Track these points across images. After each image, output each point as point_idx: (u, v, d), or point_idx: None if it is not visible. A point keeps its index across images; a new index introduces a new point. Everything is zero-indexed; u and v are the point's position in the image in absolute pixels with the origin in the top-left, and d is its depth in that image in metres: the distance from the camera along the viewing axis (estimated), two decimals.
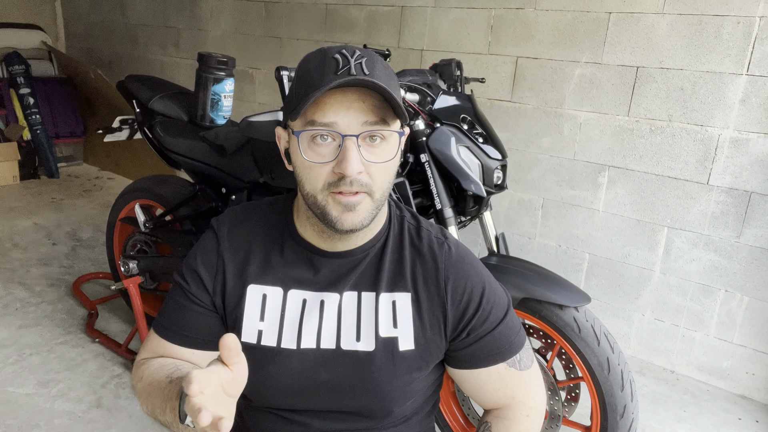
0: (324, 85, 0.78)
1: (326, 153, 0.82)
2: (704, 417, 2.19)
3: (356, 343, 0.91)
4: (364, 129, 0.81)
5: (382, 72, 0.82)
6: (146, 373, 0.90)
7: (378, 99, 0.81)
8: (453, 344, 0.94)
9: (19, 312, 2.56)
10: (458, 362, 0.96)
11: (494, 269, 1.61)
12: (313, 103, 0.80)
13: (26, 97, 4.36)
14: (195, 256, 0.97)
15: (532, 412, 0.98)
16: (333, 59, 0.80)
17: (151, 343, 0.97)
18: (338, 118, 0.80)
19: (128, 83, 2.30)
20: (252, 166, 1.91)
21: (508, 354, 0.95)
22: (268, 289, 0.93)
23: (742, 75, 2.13)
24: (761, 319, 2.25)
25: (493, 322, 0.93)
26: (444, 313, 0.92)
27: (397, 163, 0.87)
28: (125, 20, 4.63)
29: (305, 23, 3.46)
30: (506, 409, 0.98)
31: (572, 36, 2.47)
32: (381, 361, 0.90)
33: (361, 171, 0.81)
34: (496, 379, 0.95)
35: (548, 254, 2.73)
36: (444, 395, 1.83)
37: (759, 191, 2.18)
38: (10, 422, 1.89)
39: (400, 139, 0.85)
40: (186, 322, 0.95)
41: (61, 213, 3.83)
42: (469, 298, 0.92)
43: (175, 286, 0.97)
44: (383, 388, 0.90)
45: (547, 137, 2.63)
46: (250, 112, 3.70)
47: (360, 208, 0.83)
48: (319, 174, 0.83)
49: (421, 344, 0.92)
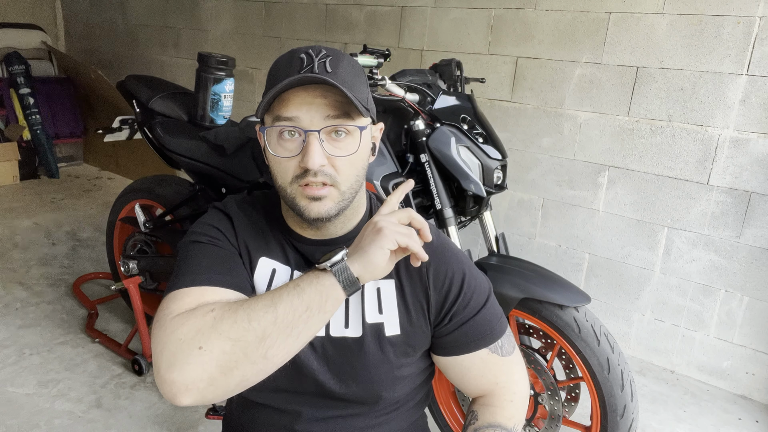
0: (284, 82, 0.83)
1: (292, 148, 0.86)
2: (704, 417, 2.19)
3: (345, 330, 0.93)
4: (327, 123, 0.85)
5: (346, 70, 0.86)
6: (218, 311, 0.77)
7: (341, 95, 0.84)
8: (437, 330, 0.97)
9: (19, 312, 2.56)
10: (442, 349, 0.98)
11: (494, 269, 1.61)
12: (279, 100, 0.85)
13: (26, 97, 4.36)
14: (206, 223, 0.95)
15: (515, 397, 1.01)
16: (299, 58, 0.86)
17: (178, 300, 0.82)
18: (300, 113, 0.84)
19: (128, 83, 2.30)
20: (252, 166, 1.91)
21: (490, 340, 0.97)
22: (277, 264, 0.95)
23: (742, 75, 2.13)
24: (761, 319, 2.25)
25: (475, 308, 0.96)
26: (427, 298, 0.95)
27: (364, 156, 0.91)
28: (125, 20, 4.63)
29: (305, 23, 3.46)
30: (491, 396, 1.01)
31: (572, 36, 2.47)
32: (369, 347, 0.93)
33: (323, 164, 0.85)
34: (479, 366, 0.98)
35: (548, 254, 2.73)
36: (444, 395, 1.83)
37: (759, 191, 2.18)
38: (10, 422, 1.89)
39: (362, 134, 0.88)
40: (223, 265, 0.89)
41: (61, 213, 3.83)
42: (450, 283, 0.95)
43: (189, 246, 0.91)
44: (371, 373, 0.93)
45: (547, 137, 2.63)
46: (250, 112, 3.71)
47: (326, 200, 0.87)
48: (287, 168, 0.87)
49: (407, 329, 0.95)
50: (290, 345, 0.78)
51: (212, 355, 0.74)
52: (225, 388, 0.75)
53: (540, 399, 1.64)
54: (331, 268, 0.80)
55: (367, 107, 0.88)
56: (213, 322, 0.76)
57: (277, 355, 0.77)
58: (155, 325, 0.80)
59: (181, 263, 0.90)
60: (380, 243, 0.81)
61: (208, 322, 0.76)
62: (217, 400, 0.76)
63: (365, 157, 0.92)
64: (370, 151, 0.94)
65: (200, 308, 0.79)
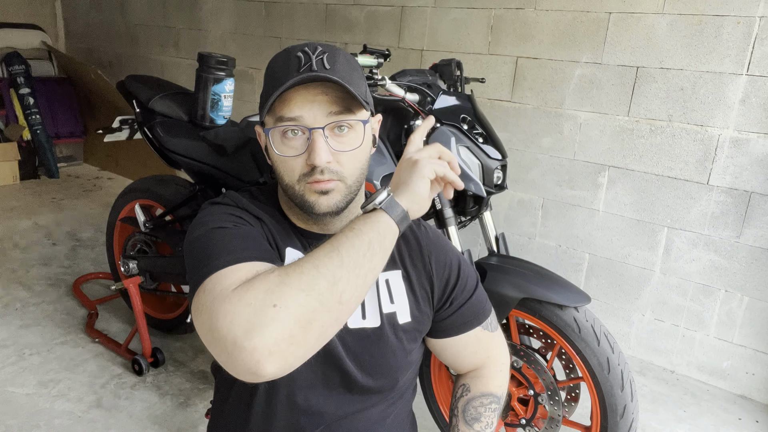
0: (285, 82, 0.83)
1: (297, 146, 0.87)
2: (704, 417, 2.19)
3: (362, 321, 0.96)
4: (330, 120, 0.86)
5: (343, 65, 0.87)
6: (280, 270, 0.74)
7: (341, 90, 0.86)
8: (437, 314, 1.03)
9: (19, 312, 2.56)
10: (443, 332, 1.05)
11: (494, 269, 1.61)
12: (280, 100, 0.86)
13: (26, 97, 4.37)
14: (223, 213, 0.90)
15: (504, 368, 1.12)
16: (296, 57, 0.86)
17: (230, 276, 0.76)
18: (303, 112, 0.85)
19: (128, 83, 2.29)
20: (252, 166, 1.91)
21: (482, 318, 1.06)
22: (301, 255, 0.91)
23: (742, 75, 2.13)
24: (761, 319, 2.25)
25: (470, 290, 1.05)
26: (431, 285, 1.02)
27: (367, 149, 0.92)
28: (125, 20, 4.63)
29: (305, 23, 3.46)
30: (482, 369, 1.10)
31: (572, 36, 2.47)
32: (387, 336, 0.97)
33: (330, 161, 0.86)
34: (474, 342, 1.07)
35: (548, 254, 2.73)
36: (444, 394, 1.83)
37: (759, 191, 2.18)
38: (10, 422, 1.89)
39: (365, 127, 0.90)
40: (260, 244, 0.85)
41: (61, 213, 3.83)
42: (450, 270, 1.03)
43: (215, 232, 0.85)
44: (390, 361, 0.98)
45: (547, 137, 2.63)
46: (250, 112, 3.71)
47: (334, 192, 0.89)
48: (293, 166, 0.88)
49: (416, 316, 1.01)
50: (360, 286, 0.75)
51: (289, 311, 0.69)
52: (306, 345, 0.71)
53: (540, 399, 1.64)
54: (380, 205, 0.80)
55: (367, 100, 0.89)
56: (280, 279, 0.72)
57: (351, 299, 0.74)
58: (213, 302, 0.72)
59: (208, 248, 0.82)
60: (421, 173, 0.82)
61: (274, 280, 0.71)
62: (299, 362, 0.71)
63: (368, 149, 0.93)
64: (371, 143, 0.95)
65: (260, 275, 0.74)
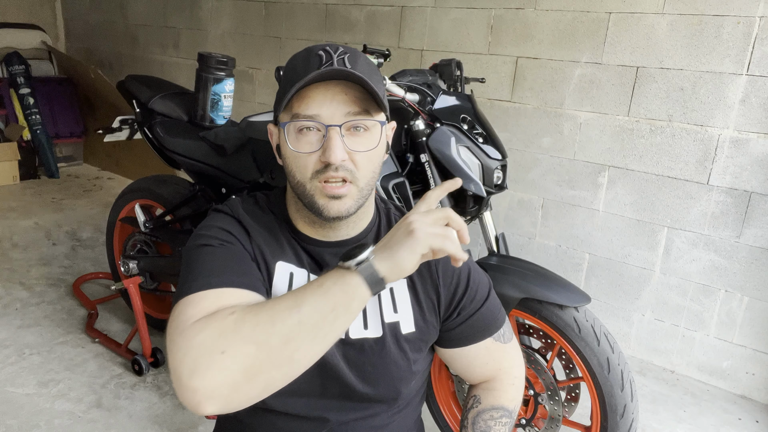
0: (305, 78, 0.83)
1: (312, 142, 0.86)
2: (704, 417, 2.19)
3: (364, 331, 0.95)
4: (348, 119, 0.85)
5: (364, 67, 0.86)
6: (239, 314, 0.73)
7: (360, 91, 0.86)
8: (445, 324, 1.00)
9: (19, 312, 2.56)
10: (450, 342, 1.02)
11: (494, 269, 1.61)
12: (299, 96, 0.85)
13: (26, 97, 4.36)
14: (213, 226, 0.91)
15: (516, 381, 1.07)
16: (317, 55, 0.86)
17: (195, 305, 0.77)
18: (322, 110, 0.84)
19: (128, 83, 2.30)
20: (252, 166, 1.91)
21: (494, 329, 1.02)
22: (294, 268, 0.94)
23: (742, 75, 2.13)
24: (761, 319, 2.25)
25: (480, 301, 1.01)
26: (437, 295, 0.98)
27: (381, 152, 0.91)
28: (125, 20, 4.63)
29: (305, 23, 3.46)
30: (493, 381, 1.06)
31: (572, 36, 2.47)
32: (389, 346, 0.95)
33: (344, 159, 0.85)
34: (485, 354, 1.03)
35: (548, 254, 2.73)
36: (444, 395, 1.83)
37: (759, 191, 2.18)
38: (10, 422, 1.89)
39: (382, 130, 0.89)
40: (237, 266, 0.85)
41: (61, 213, 3.83)
42: (458, 279, 0.99)
43: (198, 249, 0.87)
44: (392, 371, 0.95)
45: (547, 137, 2.63)
46: (250, 112, 3.70)
47: (346, 198, 0.87)
48: (306, 163, 0.87)
49: (421, 326, 0.98)
50: (317, 347, 0.74)
51: (235, 360, 0.69)
52: (249, 394, 0.71)
53: (540, 399, 1.64)
54: (356, 267, 0.76)
55: (384, 104, 0.89)
56: (234, 325, 0.72)
57: (303, 358, 0.73)
58: (173, 332, 0.74)
59: (191, 267, 0.85)
60: (412, 247, 0.75)
61: (229, 326, 0.72)
62: (241, 407, 0.71)
63: (382, 153, 0.92)
64: (385, 148, 0.93)
65: (220, 312, 0.74)
